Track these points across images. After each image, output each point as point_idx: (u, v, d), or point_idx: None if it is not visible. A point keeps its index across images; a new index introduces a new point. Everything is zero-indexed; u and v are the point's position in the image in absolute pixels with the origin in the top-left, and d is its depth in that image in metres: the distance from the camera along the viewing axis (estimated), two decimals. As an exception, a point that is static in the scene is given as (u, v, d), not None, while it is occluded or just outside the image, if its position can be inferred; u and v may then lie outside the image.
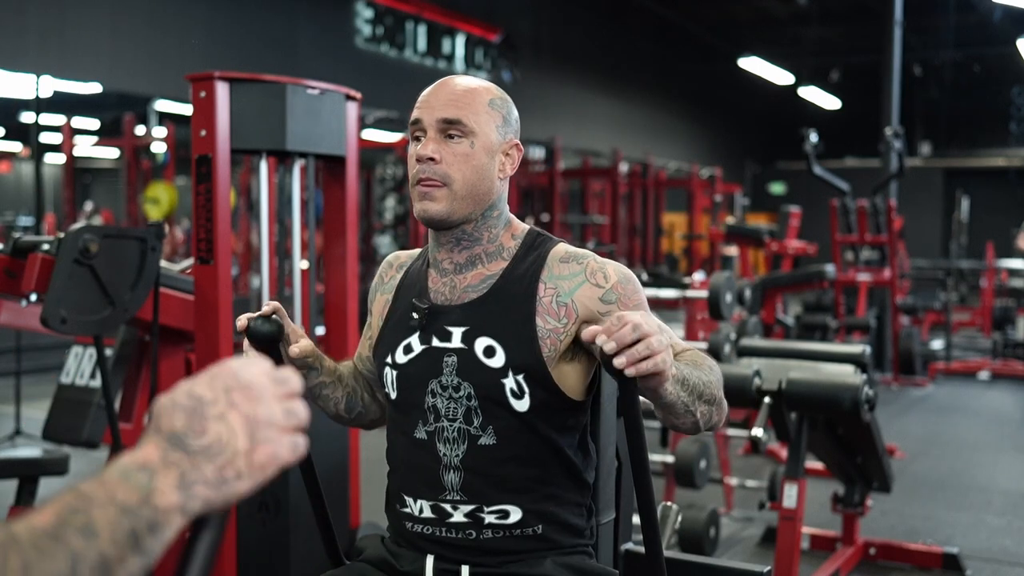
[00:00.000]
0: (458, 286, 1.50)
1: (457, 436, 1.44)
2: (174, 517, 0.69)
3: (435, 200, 1.45)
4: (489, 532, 1.44)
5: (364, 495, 2.97)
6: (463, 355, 1.45)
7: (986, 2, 12.65)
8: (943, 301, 9.94)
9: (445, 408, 1.45)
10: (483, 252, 1.50)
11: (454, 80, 1.49)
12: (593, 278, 1.46)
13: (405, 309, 1.53)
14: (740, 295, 4.00)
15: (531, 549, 1.45)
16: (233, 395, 0.73)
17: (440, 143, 1.45)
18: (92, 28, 8.27)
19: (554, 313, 1.45)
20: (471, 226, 1.49)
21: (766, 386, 2.92)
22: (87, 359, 3.09)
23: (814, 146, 7.73)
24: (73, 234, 2.34)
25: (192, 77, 2.58)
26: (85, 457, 4.43)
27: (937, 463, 5.45)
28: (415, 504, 1.48)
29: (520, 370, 1.42)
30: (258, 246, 7.65)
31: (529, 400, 1.43)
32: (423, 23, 11.59)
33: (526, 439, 1.44)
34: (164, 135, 9.54)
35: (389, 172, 10.06)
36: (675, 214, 16.31)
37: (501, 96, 1.51)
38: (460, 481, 1.44)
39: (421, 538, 1.48)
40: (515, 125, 1.52)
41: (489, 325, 1.45)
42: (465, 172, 1.45)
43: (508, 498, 1.43)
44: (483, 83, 1.51)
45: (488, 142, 1.46)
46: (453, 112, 1.44)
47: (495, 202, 1.50)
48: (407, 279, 1.59)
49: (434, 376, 1.46)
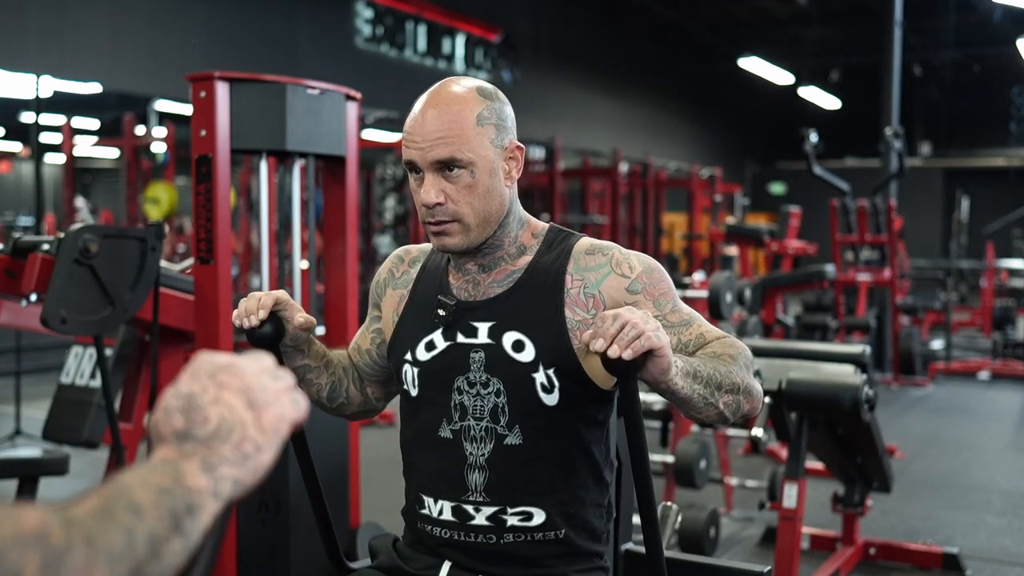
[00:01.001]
0: (482, 284, 1.49)
1: (484, 435, 1.43)
2: (207, 500, 0.70)
3: (451, 235, 1.44)
4: (511, 536, 1.42)
5: (364, 495, 2.97)
6: (491, 350, 1.44)
7: (986, 2, 12.65)
8: (943, 301, 9.94)
9: (472, 406, 1.43)
10: (505, 254, 1.50)
11: (437, 101, 1.42)
12: (619, 269, 1.46)
13: (425, 305, 1.51)
14: (740, 295, 4.00)
15: (550, 555, 1.43)
16: (219, 378, 0.75)
17: (440, 181, 1.41)
18: (92, 28, 8.26)
19: (583, 304, 1.44)
20: (490, 239, 1.48)
21: (766, 386, 2.92)
22: (87, 359, 3.09)
23: (814, 146, 7.73)
24: (73, 234, 2.34)
25: (192, 77, 2.58)
26: (85, 457, 4.43)
27: (937, 463, 5.45)
28: (435, 505, 1.46)
29: (551, 364, 1.41)
30: (258, 246, 7.65)
31: (559, 394, 1.42)
32: (423, 23, 11.59)
33: (552, 437, 1.43)
34: (164, 135, 9.54)
35: (389, 172, 10.07)
36: (675, 214, 16.30)
37: (488, 103, 1.43)
38: (484, 481, 1.42)
39: (440, 543, 1.46)
40: (510, 125, 1.47)
41: (517, 319, 1.44)
42: (474, 203, 1.42)
43: (532, 500, 1.42)
44: (467, 93, 1.43)
45: (487, 163, 1.42)
46: (444, 152, 1.39)
47: (509, 208, 1.49)
48: (425, 274, 1.56)
49: (461, 373, 1.45)
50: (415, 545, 1.51)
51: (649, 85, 16.99)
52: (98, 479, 3.44)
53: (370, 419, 1.76)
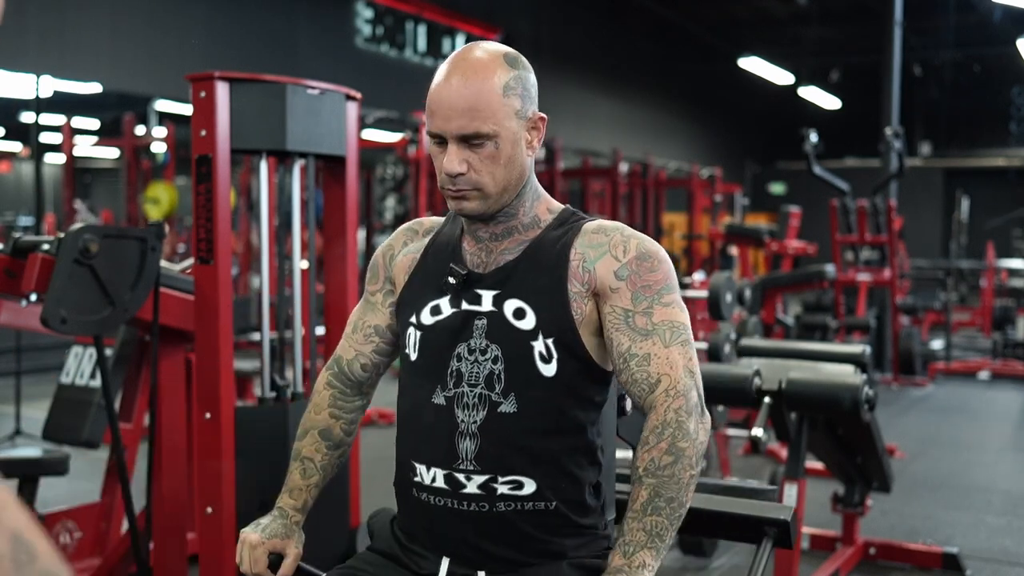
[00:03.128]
0: (494, 251, 1.50)
1: (477, 402, 1.42)
2: None
3: (470, 200, 1.45)
4: (501, 505, 1.41)
5: (364, 495, 2.97)
6: (493, 318, 1.44)
7: (986, 2, 12.65)
8: (943, 301, 9.94)
9: (468, 373, 1.44)
10: (519, 224, 1.50)
11: (463, 69, 1.41)
12: (615, 251, 1.45)
13: (435, 270, 1.52)
14: (740, 295, 4.00)
15: (544, 525, 1.42)
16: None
17: (464, 151, 1.42)
18: (92, 28, 8.27)
19: (580, 278, 1.45)
20: (507, 206, 1.49)
21: (766, 386, 2.92)
22: (87, 359, 3.09)
23: (814, 146, 7.72)
24: (73, 234, 2.34)
25: (192, 77, 2.57)
26: (85, 457, 4.43)
27: (937, 463, 5.45)
28: (428, 472, 1.45)
29: (551, 333, 1.42)
30: (258, 246, 7.65)
31: (557, 365, 1.42)
32: (423, 23, 11.59)
33: (548, 409, 1.42)
34: (164, 135, 9.54)
35: (389, 172, 10.06)
36: (675, 214, 16.29)
37: (514, 72, 1.43)
38: (476, 449, 1.41)
39: (431, 510, 1.45)
40: (534, 95, 1.48)
41: (520, 288, 1.45)
42: (495, 173, 1.43)
43: (523, 469, 1.41)
44: (492, 60, 1.42)
45: (511, 134, 1.43)
46: (470, 127, 1.40)
47: (527, 177, 1.50)
48: (438, 240, 1.57)
49: (463, 340, 1.45)
50: (412, 529, 1.50)
51: (649, 85, 16.99)
52: (98, 479, 3.44)
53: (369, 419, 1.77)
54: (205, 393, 2.52)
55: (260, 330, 2.77)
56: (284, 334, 2.84)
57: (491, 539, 1.43)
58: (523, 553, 1.43)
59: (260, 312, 2.92)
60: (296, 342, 2.76)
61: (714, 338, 3.94)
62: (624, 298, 1.43)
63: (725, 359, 3.86)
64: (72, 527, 3.15)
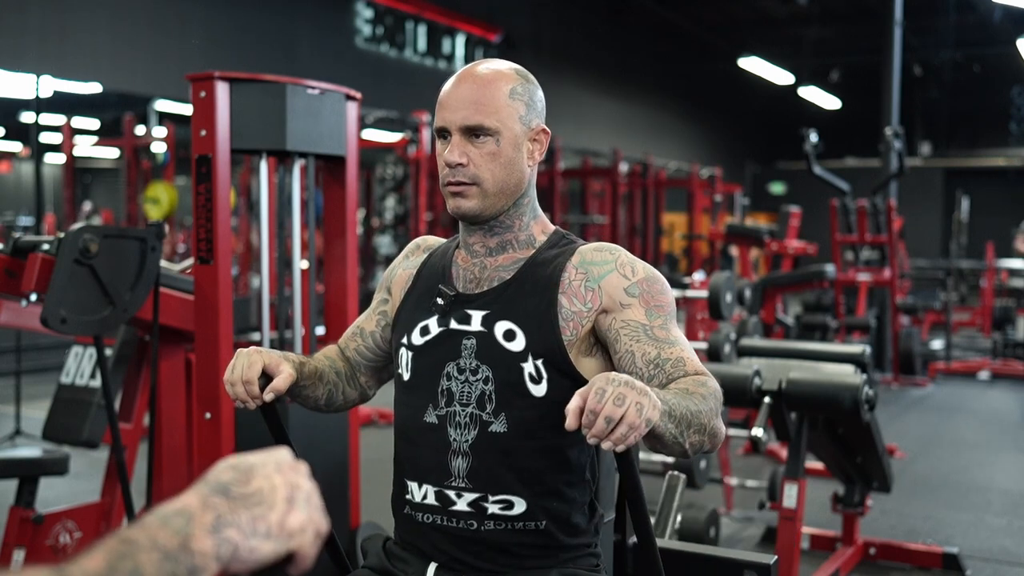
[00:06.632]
0: (488, 267, 1.52)
1: (468, 421, 1.44)
2: (211, 562, 0.71)
3: (467, 198, 1.47)
4: (491, 523, 1.43)
5: (364, 495, 2.97)
6: (482, 338, 1.46)
7: (986, 2, 12.65)
8: (943, 301, 9.94)
9: (460, 392, 1.45)
10: (514, 239, 1.53)
11: (474, 74, 1.48)
12: (623, 269, 1.48)
13: (426, 290, 1.55)
14: (740, 295, 4.00)
15: (532, 546, 1.43)
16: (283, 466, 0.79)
17: (466, 145, 1.46)
18: (92, 28, 8.27)
19: (581, 296, 1.46)
20: (503, 215, 1.51)
21: (766, 386, 2.92)
22: (87, 359, 3.09)
23: (814, 146, 7.72)
24: (73, 234, 2.34)
25: (192, 77, 2.58)
26: (85, 457, 4.43)
27: (937, 463, 5.45)
28: (419, 489, 1.47)
29: (540, 355, 1.43)
30: (258, 246, 7.65)
31: (547, 385, 1.43)
32: (423, 23, 11.59)
33: (537, 429, 1.43)
34: (164, 135, 9.54)
35: (389, 172, 10.06)
36: (675, 214, 16.30)
37: (523, 82, 1.50)
38: (467, 468, 1.43)
39: (422, 527, 1.47)
40: (540, 108, 1.52)
41: (510, 310, 1.46)
42: (494, 170, 1.46)
43: (513, 488, 1.42)
44: (503, 70, 1.49)
45: (513, 135, 1.47)
46: (474, 118, 1.45)
47: (526, 190, 1.52)
48: (431, 260, 1.60)
49: (452, 359, 1.47)
50: (404, 542, 1.52)
51: (649, 85, 16.99)
52: (98, 479, 3.44)
53: (369, 419, 1.77)
54: (205, 393, 2.52)
55: (260, 330, 2.77)
56: (284, 334, 2.84)
57: (478, 556, 1.44)
58: (510, 568, 1.44)
59: (260, 312, 2.93)
60: (296, 342, 2.76)
61: (714, 338, 3.94)
62: (639, 313, 1.44)
63: (725, 359, 3.86)
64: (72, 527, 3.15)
